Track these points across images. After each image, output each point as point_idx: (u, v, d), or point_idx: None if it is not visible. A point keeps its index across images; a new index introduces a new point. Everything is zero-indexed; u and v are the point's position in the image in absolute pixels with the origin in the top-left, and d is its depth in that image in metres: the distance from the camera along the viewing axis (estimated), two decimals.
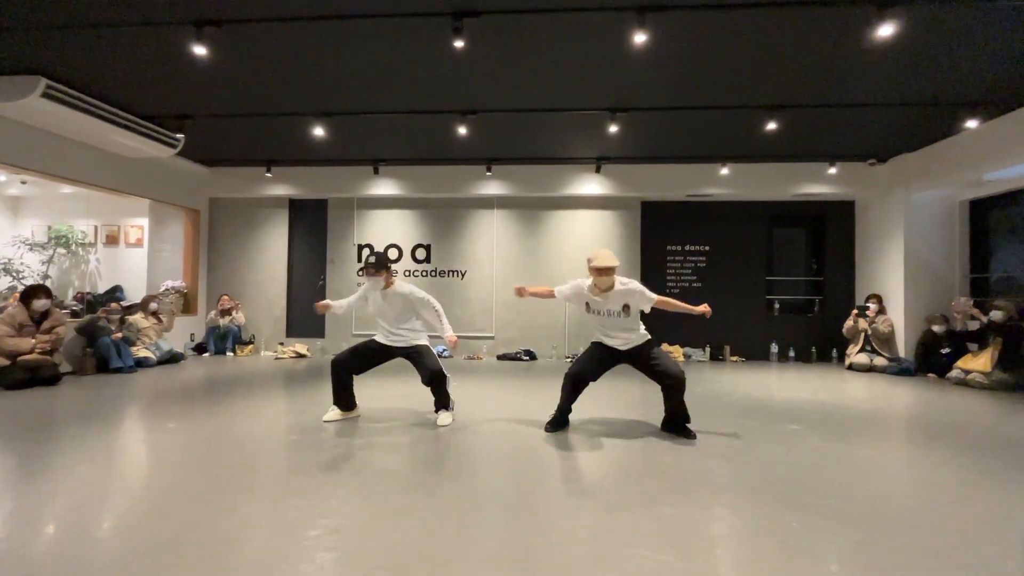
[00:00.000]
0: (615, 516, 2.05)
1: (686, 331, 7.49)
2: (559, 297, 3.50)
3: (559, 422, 3.41)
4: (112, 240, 8.20)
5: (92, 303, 7.44)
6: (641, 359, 3.31)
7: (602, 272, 3.21)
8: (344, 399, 3.57)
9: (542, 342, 7.47)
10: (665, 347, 7.36)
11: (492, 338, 7.54)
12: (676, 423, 3.32)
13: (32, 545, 1.78)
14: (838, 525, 1.98)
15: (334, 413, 3.56)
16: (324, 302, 3.65)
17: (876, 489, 2.39)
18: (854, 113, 5.19)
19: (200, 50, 3.74)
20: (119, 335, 5.73)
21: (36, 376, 4.67)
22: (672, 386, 3.22)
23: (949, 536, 1.91)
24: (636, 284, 3.28)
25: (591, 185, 7.24)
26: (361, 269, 3.58)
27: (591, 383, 3.38)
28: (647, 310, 3.31)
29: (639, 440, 3.15)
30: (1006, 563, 1.72)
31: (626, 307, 3.27)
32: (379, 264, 3.47)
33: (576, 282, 3.40)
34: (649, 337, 3.37)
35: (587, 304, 3.36)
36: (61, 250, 8.07)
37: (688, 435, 3.25)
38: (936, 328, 5.93)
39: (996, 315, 5.34)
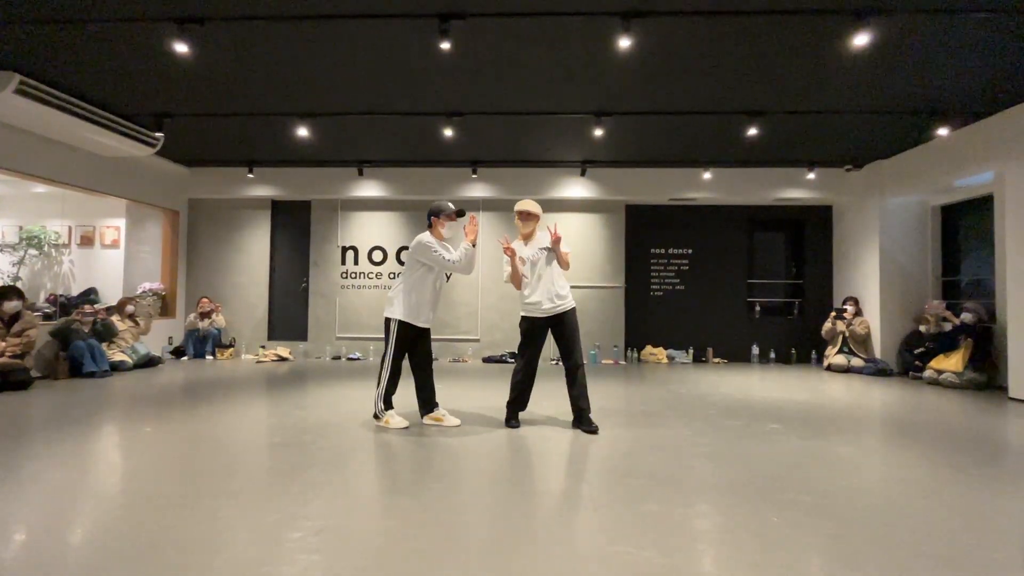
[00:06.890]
0: (599, 514, 2.07)
1: (669, 333, 7.59)
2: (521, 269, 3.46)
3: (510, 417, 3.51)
4: (87, 241, 7.98)
5: (65, 305, 7.24)
6: (562, 326, 3.42)
7: (522, 216, 3.47)
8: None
9: None
10: (648, 349, 7.44)
11: (477, 341, 7.53)
12: (577, 413, 3.40)
13: (2, 551, 1.72)
14: (817, 519, 2.02)
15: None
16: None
17: (853, 484, 2.45)
18: (831, 120, 5.32)
19: (181, 48, 3.68)
20: (90, 333, 5.57)
21: (6, 381, 4.53)
22: (570, 370, 3.39)
23: (923, 528, 1.97)
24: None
25: (576, 188, 7.29)
26: (452, 215, 3.52)
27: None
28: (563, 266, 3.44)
29: (623, 439, 3.18)
30: (976, 553, 1.78)
31: (549, 250, 3.42)
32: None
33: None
34: (574, 306, 3.47)
35: (524, 260, 3.44)
36: (33, 251, 7.84)
37: (590, 428, 3.31)
38: (923, 328, 6.07)
39: (967, 317, 5.53)
